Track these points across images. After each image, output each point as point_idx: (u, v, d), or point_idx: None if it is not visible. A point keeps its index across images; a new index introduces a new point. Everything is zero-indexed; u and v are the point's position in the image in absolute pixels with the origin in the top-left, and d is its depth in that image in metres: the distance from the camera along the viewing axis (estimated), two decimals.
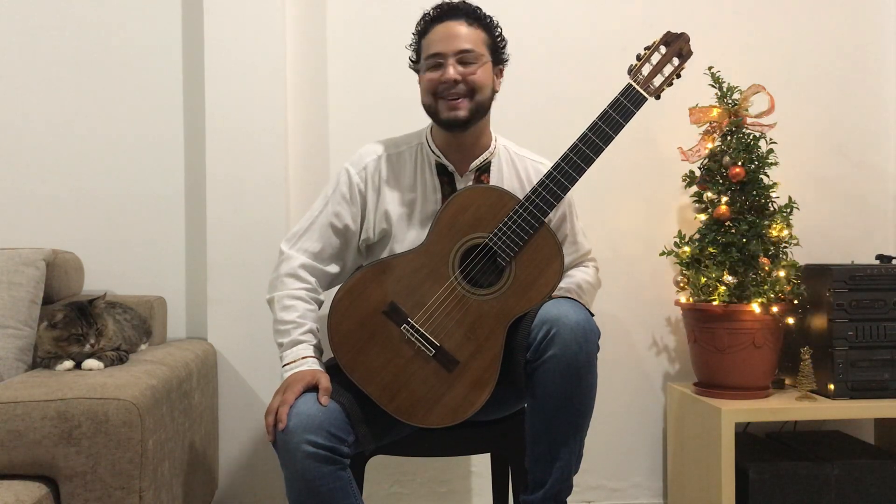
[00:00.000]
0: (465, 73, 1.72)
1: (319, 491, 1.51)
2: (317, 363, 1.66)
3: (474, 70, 1.73)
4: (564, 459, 1.62)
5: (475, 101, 1.74)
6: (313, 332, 1.71)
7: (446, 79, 1.71)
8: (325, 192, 1.83)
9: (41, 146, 2.36)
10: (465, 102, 1.72)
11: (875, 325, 2.22)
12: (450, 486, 2.48)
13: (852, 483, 2.18)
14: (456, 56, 1.72)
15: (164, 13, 2.38)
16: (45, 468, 1.51)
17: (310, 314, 1.72)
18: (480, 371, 1.62)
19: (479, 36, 1.75)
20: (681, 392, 2.38)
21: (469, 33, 1.74)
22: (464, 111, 1.72)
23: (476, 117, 1.75)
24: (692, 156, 2.35)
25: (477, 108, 1.74)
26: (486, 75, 1.75)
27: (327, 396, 1.56)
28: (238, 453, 2.27)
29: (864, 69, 2.61)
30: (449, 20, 1.75)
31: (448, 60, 1.72)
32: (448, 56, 1.72)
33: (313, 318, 1.73)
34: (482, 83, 1.74)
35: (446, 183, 1.81)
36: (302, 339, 1.68)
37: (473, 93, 1.73)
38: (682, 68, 1.75)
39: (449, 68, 1.72)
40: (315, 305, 1.76)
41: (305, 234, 1.80)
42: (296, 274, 1.75)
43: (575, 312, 1.58)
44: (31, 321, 1.87)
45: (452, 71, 1.71)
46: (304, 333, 1.69)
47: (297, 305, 1.72)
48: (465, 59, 1.73)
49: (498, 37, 1.80)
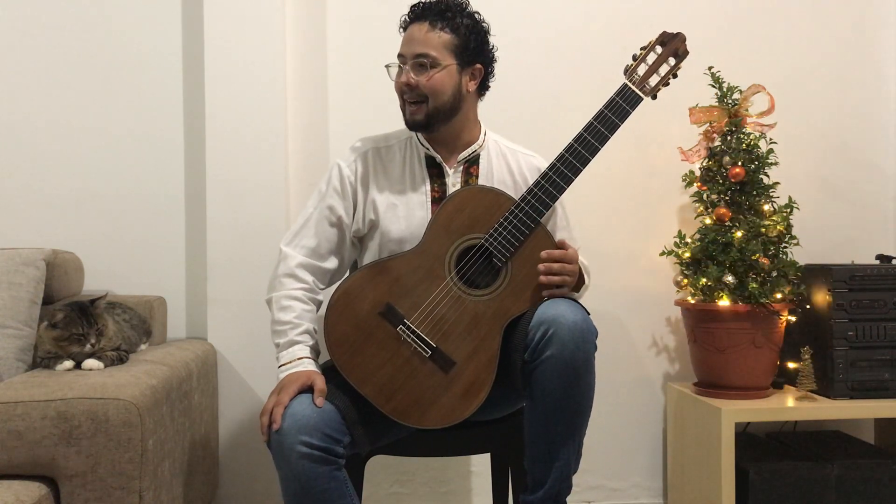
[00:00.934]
0: (416, 80, 1.72)
1: (314, 491, 1.51)
2: (312, 364, 1.66)
3: (428, 76, 1.72)
4: (563, 459, 1.62)
5: (431, 107, 1.74)
6: (310, 332, 1.71)
7: (399, 84, 1.75)
8: (319, 188, 1.84)
9: (41, 146, 2.37)
10: (422, 107, 1.74)
11: (875, 325, 2.22)
12: (450, 486, 2.48)
13: (852, 483, 2.18)
14: (413, 60, 1.73)
15: (164, 14, 2.38)
16: (45, 468, 1.52)
17: (307, 314, 1.73)
18: (477, 372, 1.63)
19: (441, 39, 1.73)
20: (681, 392, 2.38)
21: (429, 37, 1.72)
22: (420, 115, 1.74)
23: (436, 120, 1.75)
24: (692, 156, 2.35)
25: (435, 113, 1.74)
26: (442, 81, 1.73)
27: (322, 398, 1.56)
28: (238, 453, 2.28)
29: (864, 69, 2.60)
30: (415, 22, 1.76)
31: (406, 65, 1.74)
32: (407, 59, 1.74)
33: (310, 319, 1.73)
34: (435, 89, 1.72)
35: (435, 175, 1.82)
36: (298, 339, 1.68)
37: (426, 98, 1.73)
38: (679, 68, 1.75)
39: (404, 73, 1.74)
40: (312, 306, 1.76)
41: (301, 231, 1.81)
42: (293, 274, 1.76)
43: (572, 312, 1.58)
44: (31, 321, 1.88)
45: (405, 76, 1.73)
46: (301, 334, 1.69)
47: (293, 306, 1.72)
48: (420, 63, 1.73)
49: (473, 34, 1.76)
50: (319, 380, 1.59)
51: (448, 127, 1.79)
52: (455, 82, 1.75)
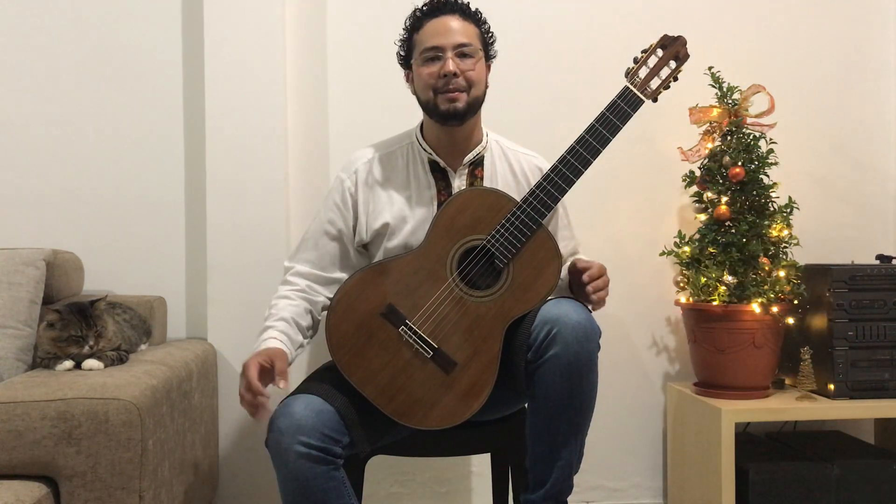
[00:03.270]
0: (463, 67, 1.73)
1: (313, 491, 1.51)
2: (276, 341, 1.67)
3: (472, 65, 1.75)
4: (565, 459, 1.62)
5: (472, 96, 1.75)
6: (285, 320, 1.72)
7: (447, 71, 1.72)
8: (324, 201, 1.87)
9: (41, 146, 2.36)
10: (463, 95, 1.74)
11: (875, 325, 2.22)
12: (450, 486, 2.48)
13: (852, 483, 2.18)
14: (454, 50, 1.73)
15: (164, 14, 2.38)
16: (45, 468, 1.51)
17: (289, 308, 1.75)
18: (479, 373, 1.63)
19: (473, 31, 1.77)
20: (681, 392, 2.38)
21: (464, 27, 1.76)
22: (462, 103, 1.74)
23: (472, 111, 1.77)
24: (692, 156, 2.35)
25: (473, 102, 1.76)
26: (482, 70, 1.78)
27: (284, 380, 1.58)
28: (238, 453, 2.28)
29: (864, 69, 2.60)
30: (443, 15, 1.76)
31: (447, 54, 1.73)
32: (447, 49, 1.73)
33: (292, 312, 1.74)
34: (479, 78, 1.76)
35: (440, 179, 1.82)
36: (269, 324, 1.71)
37: (471, 87, 1.75)
38: (680, 71, 1.75)
39: (449, 61, 1.72)
40: (300, 301, 1.77)
41: (301, 245, 1.85)
42: (286, 280, 1.82)
43: (576, 312, 1.58)
44: (31, 321, 1.88)
45: (452, 64, 1.72)
46: (276, 321, 1.71)
47: (277, 302, 1.77)
48: (463, 52, 1.74)
49: (487, 32, 1.82)
50: (279, 361, 1.60)
51: (470, 122, 1.80)
52: (486, 75, 1.80)
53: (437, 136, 1.82)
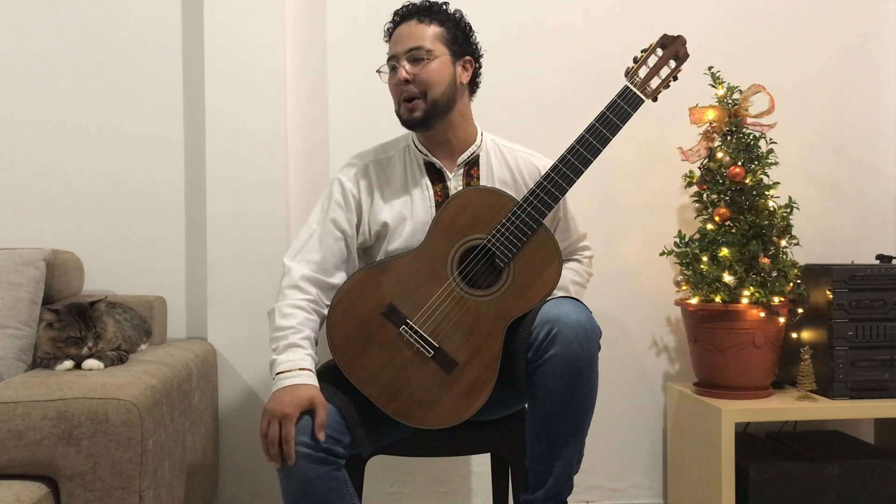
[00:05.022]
0: (413, 71, 1.72)
1: (314, 492, 1.51)
2: (312, 377, 1.59)
3: (422, 67, 1.73)
4: (565, 459, 1.62)
5: (430, 99, 1.73)
6: (311, 340, 1.66)
7: (398, 79, 1.73)
8: (320, 204, 1.82)
9: (41, 146, 2.36)
10: (419, 103, 1.73)
11: (875, 325, 2.22)
12: (450, 486, 2.48)
13: (852, 483, 2.18)
14: (406, 55, 1.73)
15: (164, 13, 2.38)
16: (45, 468, 1.51)
17: (309, 322, 1.67)
18: (479, 372, 1.63)
19: (431, 31, 1.75)
20: (681, 392, 2.38)
21: (419, 30, 1.74)
22: (418, 111, 1.73)
23: (434, 115, 1.75)
24: (692, 156, 2.35)
25: (433, 107, 1.74)
26: (439, 71, 1.74)
27: (322, 431, 1.51)
28: (238, 453, 2.28)
29: (864, 69, 2.60)
30: (402, 23, 1.77)
31: (401, 62, 1.74)
32: (400, 57, 1.74)
33: (312, 328, 1.68)
34: (431, 80, 1.73)
35: (437, 180, 1.81)
36: (299, 343, 1.62)
37: (425, 91, 1.73)
38: (679, 70, 1.76)
39: (400, 69, 1.73)
40: (316, 316, 1.70)
41: (305, 246, 1.77)
42: (296, 285, 1.71)
43: (576, 312, 1.58)
44: (31, 321, 1.87)
45: (403, 71, 1.73)
46: (302, 339, 1.63)
47: (296, 314, 1.67)
48: (414, 56, 1.73)
49: (459, 28, 1.79)
50: (320, 405, 1.53)
51: (445, 124, 1.78)
52: (450, 73, 1.76)
53: (427, 138, 1.82)
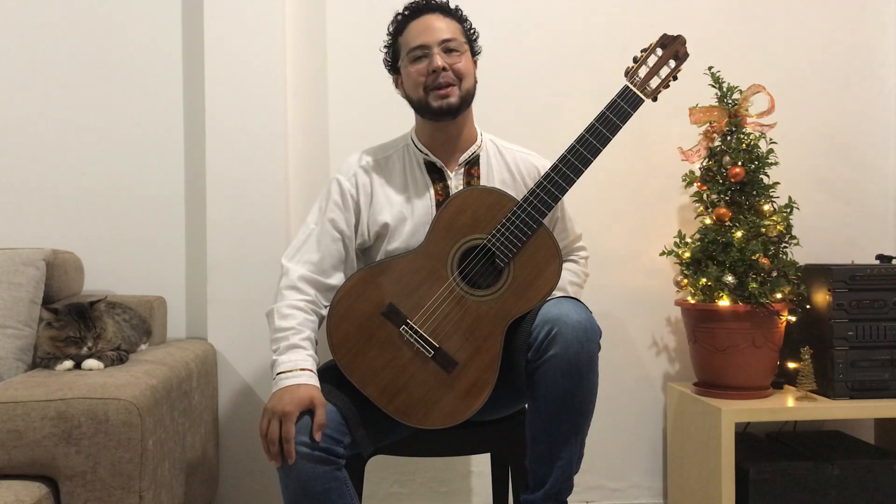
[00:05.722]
0: (451, 61, 1.75)
1: (314, 491, 1.51)
2: (313, 377, 1.60)
3: (459, 58, 1.76)
4: (565, 459, 1.62)
5: (463, 89, 1.76)
6: (311, 340, 1.67)
7: (436, 66, 1.73)
8: (318, 204, 1.82)
9: (41, 146, 2.36)
10: (455, 90, 1.75)
11: (875, 325, 2.22)
12: (450, 486, 2.48)
13: (852, 483, 2.18)
14: (440, 46, 1.74)
15: (164, 13, 2.38)
16: (45, 468, 1.51)
17: (309, 323, 1.68)
18: (479, 372, 1.63)
19: (456, 27, 1.79)
20: (681, 392, 2.38)
21: (448, 24, 1.77)
22: (454, 98, 1.75)
23: (464, 105, 1.78)
24: (692, 156, 2.35)
25: (465, 95, 1.77)
26: (469, 64, 1.80)
27: (320, 432, 1.52)
28: (238, 453, 2.28)
29: (864, 69, 2.60)
30: (425, 15, 1.78)
31: (433, 50, 1.74)
32: (433, 46, 1.74)
33: (312, 329, 1.69)
34: (468, 71, 1.78)
35: (437, 180, 1.82)
36: (300, 344, 1.63)
37: (461, 80, 1.76)
38: (679, 70, 1.76)
39: (436, 57, 1.74)
40: (315, 317, 1.71)
41: (303, 246, 1.77)
42: (294, 286, 1.72)
43: (576, 312, 1.58)
44: (31, 321, 1.87)
45: (440, 59, 1.73)
46: (303, 340, 1.64)
47: (295, 314, 1.67)
48: (449, 48, 1.75)
49: (470, 29, 1.84)
50: (320, 404, 1.54)
51: (462, 119, 1.81)
52: (473, 68, 1.81)
53: (430, 136, 1.82)
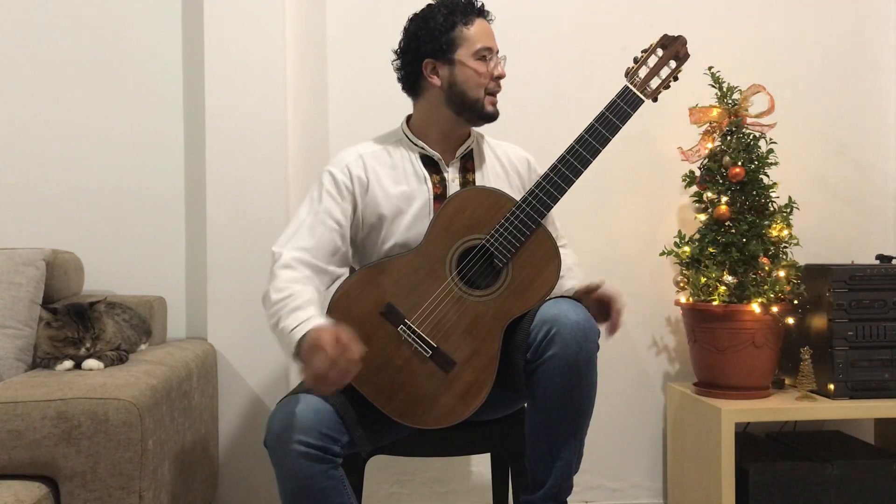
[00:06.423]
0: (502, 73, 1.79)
1: (311, 490, 1.51)
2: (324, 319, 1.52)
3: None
4: (565, 459, 1.62)
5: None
6: (314, 303, 1.58)
7: (501, 74, 1.78)
8: (310, 196, 1.78)
9: (41, 146, 2.37)
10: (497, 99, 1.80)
11: (875, 325, 2.22)
12: (450, 486, 2.48)
13: (852, 483, 2.18)
14: (498, 53, 1.79)
15: (164, 13, 2.39)
16: (45, 468, 1.52)
17: (308, 292, 1.60)
18: (478, 372, 1.63)
19: None
20: (681, 392, 2.38)
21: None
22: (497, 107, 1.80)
23: None
24: (692, 156, 2.35)
25: None
26: None
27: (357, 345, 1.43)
28: (238, 453, 2.28)
29: (864, 69, 2.60)
30: (485, 19, 1.80)
31: (496, 57, 1.78)
32: (495, 52, 1.78)
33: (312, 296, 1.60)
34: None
35: (433, 172, 1.81)
36: (301, 305, 1.54)
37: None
38: (680, 70, 1.75)
39: (500, 65, 1.78)
40: (313, 289, 1.63)
41: (296, 234, 1.72)
42: (289, 265, 1.65)
43: (574, 312, 1.58)
44: (31, 321, 1.88)
45: (502, 68, 1.78)
46: (304, 302, 1.55)
47: (290, 286, 1.60)
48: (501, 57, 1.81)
49: None
50: (343, 330, 1.45)
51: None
52: None
53: (439, 130, 1.81)
